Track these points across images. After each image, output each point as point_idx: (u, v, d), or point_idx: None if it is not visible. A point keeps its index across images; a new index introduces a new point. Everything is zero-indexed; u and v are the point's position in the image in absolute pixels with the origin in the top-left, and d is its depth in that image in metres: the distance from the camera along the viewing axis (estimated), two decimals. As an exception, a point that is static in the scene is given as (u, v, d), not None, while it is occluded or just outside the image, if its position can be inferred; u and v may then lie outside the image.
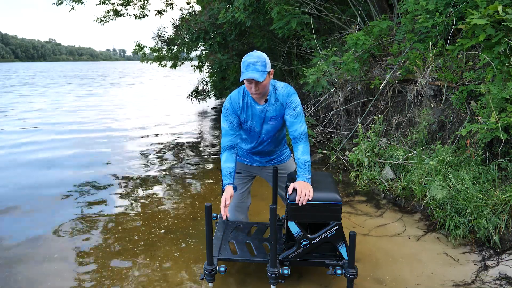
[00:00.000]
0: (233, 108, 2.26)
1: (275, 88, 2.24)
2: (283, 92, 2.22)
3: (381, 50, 4.98)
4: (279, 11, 5.48)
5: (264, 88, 2.13)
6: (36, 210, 3.60)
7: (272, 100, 2.23)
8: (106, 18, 11.05)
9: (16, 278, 2.47)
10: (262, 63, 2.07)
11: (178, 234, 3.09)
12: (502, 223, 2.72)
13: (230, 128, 2.26)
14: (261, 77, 2.04)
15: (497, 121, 3.00)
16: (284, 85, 2.26)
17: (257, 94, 2.14)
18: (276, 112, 2.25)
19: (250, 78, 2.03)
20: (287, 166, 2.57)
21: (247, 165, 2.58)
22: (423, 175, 3.52)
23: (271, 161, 2.54)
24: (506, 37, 3.11)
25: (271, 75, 2.17)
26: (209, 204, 2.02)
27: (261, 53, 2.12)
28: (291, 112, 2.21)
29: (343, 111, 5.53)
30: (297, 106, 2.22)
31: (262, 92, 2.14)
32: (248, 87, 2.13)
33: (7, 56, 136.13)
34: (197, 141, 6.76)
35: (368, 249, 2.81)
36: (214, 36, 7.12)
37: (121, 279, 2.46)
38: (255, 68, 2.05)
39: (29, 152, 5.86)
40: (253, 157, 2.53)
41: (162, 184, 4.35)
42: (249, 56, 2.10)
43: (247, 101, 2.25)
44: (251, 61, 2.06)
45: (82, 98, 14.05)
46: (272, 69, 2.18)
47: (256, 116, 2.27)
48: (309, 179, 2.14)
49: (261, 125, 2.30)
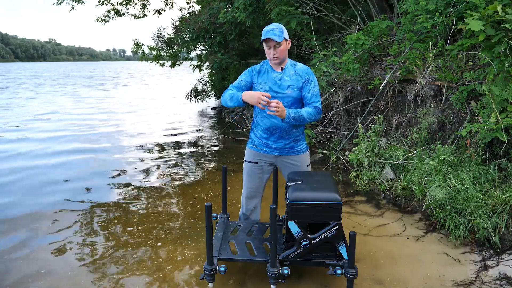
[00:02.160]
0: (251, 71, 2.46)
1: (294, 64, 2.44)
2: (303, 68, 2.43)
3: (381, 50, 4.98)
4: (278, 11, 5.48)
5: (282, 53, 2.33)
6: (34, 205, 3.61)
7: (290, 71, 2.40)
8: (107, 17, 11.05)
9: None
10: (280, 30, 2.30)
11: (178, 234, 3.09)
12: (502, 223, 2.72)
13: (237, 85, 2.46)
14: (279, 38, 2.26)
15: (499, 121, 3.00)
16: (304, 65, 2.48)
17: (275, 58, 2.33)
18: (293, 82, 2.38)
19: (269, 37, 2.25)
20: (302, 158, 2.54)
21: (263, 154, 2.54)
22: (423, 175, 3.52)
23: (286, 148, 2.50)
24: (506, 37, 3.11)
25: (289, 44, 2.39)
26: (209, 204, 2.02)
27: (279, 24, 2.37)
28: (310, 90, 2.37)
29: (343, 111, 5.53)
30: (315, 86, 2.40)
31: (280, 57, 2.33)
32: (267, 52, 2.35)
33: (7, 56, 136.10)
34: (197, 141, 6.76)
35: (368, 249, 2.81)
36: (214, 36, 7.12)
37: (121, 279, 2.46)
38: (273, 33, 2.27)
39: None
40: (268, 142, 2.49)
41: (161, 184, 4.35)
42: (268, 26, 2.35)
43: (265, 68, 2.44)
44: (270, 28, 2.31)
45: (83, 99, 14.06)
46: (290, 39, 2.41)
47: (272, 81, 2.40)
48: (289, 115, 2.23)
49: (278, 91, 2.38)
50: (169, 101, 13.11)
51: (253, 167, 2.57)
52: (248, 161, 2.59)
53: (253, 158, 2.56)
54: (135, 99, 13.98)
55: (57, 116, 9.56)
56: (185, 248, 2.85)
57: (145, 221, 3.34)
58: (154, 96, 14.94)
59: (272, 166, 2.60)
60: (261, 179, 2.60)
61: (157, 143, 6.47)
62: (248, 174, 2.60)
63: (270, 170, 2.60)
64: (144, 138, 6.94)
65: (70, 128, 7.95)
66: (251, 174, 2.58)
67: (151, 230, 3.15)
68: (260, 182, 2.60)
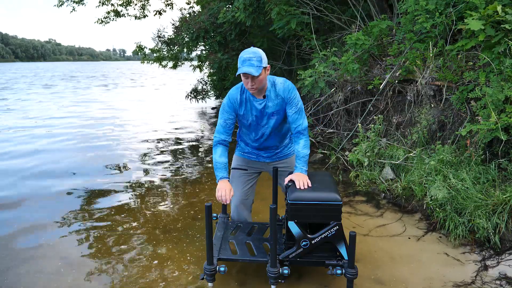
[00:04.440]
0: (232, 104, 2.30)
1: (274, 84, 2.28)
2: (283, 87, 2.26)
3: (381, 50, 4.98)
4: (278, 11, 5.48)
5: (261, 83, 2.17)
6: (37, 206, 3.61)
7: (272, 96, 2.27)
8: (107, 19, 11.05)
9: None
10: (258, 58, 2.11)
11: (178, 234, 3.09)
12: (502, 223, 2.72)
13: (223, 126, 2.32)
14: (257, 71, 2.08)
15: (497, 121, 3.00)
16: (283, 80, 2.30)
17: (253, 89, 2.17)
18: (277, 107, 2.29)
19: (246, 72, 2.07)
20: (292, 160, 2.56)
21: (253, 161, 2.57)
22: (423, 175, 3.52)
23: (277, 155, 2.54)
24: (506, 37, 3.11)
25: (268, 71, 2.21)
26: (209, 204, 2.02)
27: (257, 49, 2.16)
28: (293, 108, 2.27)
29: (343, 111, 5.53)
30: (298, 101, 2.29)
31: (258, 87, 2.18)
32: (244, 82, 2.18)
33: (7, 56, 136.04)
34: (197, 141, 6.76)
35: (368, 249, 2.81)
36: (214, 35, 7.12)
37: (121, 279, 2.46)
38: (250, 63, 2.09)
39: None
40: (259, 152, 2.53)
41: (161, 184, 4.35)
42: (245, 52, 2.14)
43: (246, 97, 2.29)
44: (247, 57, 2.11)
45: (81, 97, 14.05)
46: (269, 65, 2.23)
47: (256, 110, 2.30)
48: (306, 171, 2.27)
49: (263, 119, 2.33)
50: (169, 101, 13.11)
51: (242, 174, 2.55)
52: (236, 168, 2.57)
53: (243, 165, 2.56)
54: (135, 99, 13.98)
55: (57, 116, 9.57)
56: (185, 248, 2.85)
57: (144, 220, 3.34)
58: (154, 96, 14.93)
59: (259, 173, 2.63)
60: (252, 188, 2.61)
61: (157, 143, 6.47)
62: (237, 182, 2.54)
63: (258, 176, 2.64)
64: (144, 138, 6.94)
65: (70, 127, 7.96)
66: (242, 182, 2.55)
67: (151, 230, 3.15)
68: (251, 189, 2.59)
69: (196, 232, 3.13)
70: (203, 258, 2.67)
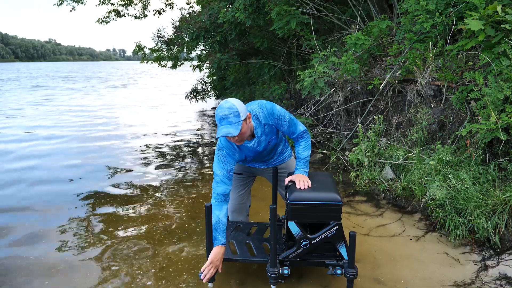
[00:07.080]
0: (228, 152, 2.18)
1: (257, 117, 2.15)
2: (267, 115, 2.15)
3: (381, 50, 4.98)
4: (278, 11, 5.48)
5: (245, 134, 2.03)
6: (39, 211, 3.61)
7: (259, 132, 2.19)
8: (107, 18, 11.05)
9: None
10: (235, 113, 1.93)
11: (178, 234, 3.09)
12: (502, 223, 2.72)
13: (222, 177, 2.16)
14: (236, 130, 1.93)
15: (497, 121, 3.00)
16: (258, 105, 2.17)
17: (239, 142, 2.07)
18: (269, 134, 2.23)
19: (224, 135, 1.93)
20: (288, 165, 2.57)
21: (248, 167, 2.57)
22: (423, 175, 3.52)
23: (272, 162, 2.54)
24: (506, 38, 3.11)
25: (249, 119, 2.05)
26: (209, 204, 2.02)
27: (232, 102, 1.97)
28: (284, 124, 2.21)
29: (343, 111, 5.53)
30: (285, 115, 2.19)
31: (244, 138, 2.05)
32: (228, 138, 2.06)
33: (7, 56, 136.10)
34: (197, 141, 6.76)
35: (368, 249, 2.81)
36: (214, 35, 7.12)
37: (121, 279, 2.46)
38: (228, 122, 1.93)
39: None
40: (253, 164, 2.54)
41: (161, 184, 4.35)
42: (220, 109, 1.97)
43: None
44: (223, 115, 1.94)
45: (81, 97, 14.05)
46: (249, 113, 2.06)
47: (252, 151, 2.26)
48: (306, 172, 2.27)
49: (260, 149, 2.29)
50: (169, 101, 13.11)
51: (237, 178, 2.56)
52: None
53: (238, 169, 2.56)
54: (135, 99, 13.98)
55: (57, 115, 9.57)
56: (184, 248, 2.85)
57: (144, 220, 3.34)
58: (154, 96, 14.93)
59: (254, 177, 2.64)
60: (248, 191, 2.62)
61: (157, 143, 6.47)
62: (232, 186, 2.51)
63: (253, 180, 2.64)
64: (143, 138, 6.95)
65: (69, 126, 7.96)
66: (237, 186, 2.55)
67: (151, 230, 3.15)
68: (246, 193, 2.61)
69: (196, 232, 3.13)
70: (203, 258, 2.67)
